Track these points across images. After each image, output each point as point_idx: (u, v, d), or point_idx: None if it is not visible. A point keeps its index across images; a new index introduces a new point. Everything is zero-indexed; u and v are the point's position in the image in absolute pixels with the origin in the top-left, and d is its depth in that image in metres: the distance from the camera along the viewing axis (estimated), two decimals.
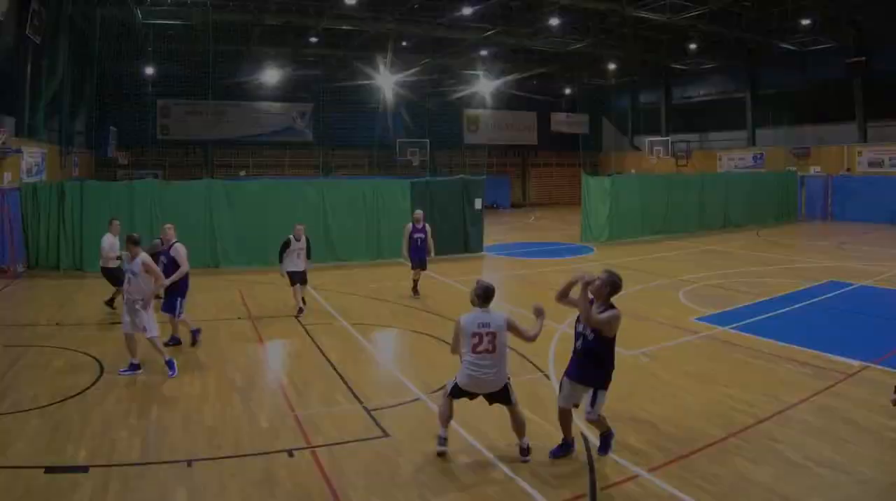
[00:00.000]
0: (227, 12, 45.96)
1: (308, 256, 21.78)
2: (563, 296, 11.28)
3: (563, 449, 11.29)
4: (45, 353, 16.74)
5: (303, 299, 21.76)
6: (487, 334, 10.87)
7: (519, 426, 11.23)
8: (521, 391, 13.71)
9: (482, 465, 11.03)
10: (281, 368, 16.52)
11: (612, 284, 10.85)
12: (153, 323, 15.55)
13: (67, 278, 27.72)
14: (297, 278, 21.40)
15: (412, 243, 24.42)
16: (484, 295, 11.09)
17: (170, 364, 15.42)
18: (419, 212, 25.19)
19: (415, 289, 24.73)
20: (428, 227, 24.72)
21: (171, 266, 17.52)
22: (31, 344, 17.70)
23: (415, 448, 11.61)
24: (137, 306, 15.31)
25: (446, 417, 11.32)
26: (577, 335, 11.09)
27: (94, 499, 9.84)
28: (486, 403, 11.29)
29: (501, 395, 11.15)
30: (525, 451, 11.13)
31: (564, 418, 11.27)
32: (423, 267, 24.82)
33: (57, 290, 25.55)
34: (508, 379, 11.21)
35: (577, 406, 11.17)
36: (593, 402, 10.81)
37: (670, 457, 11.11)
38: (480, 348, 10.87)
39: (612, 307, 10.83)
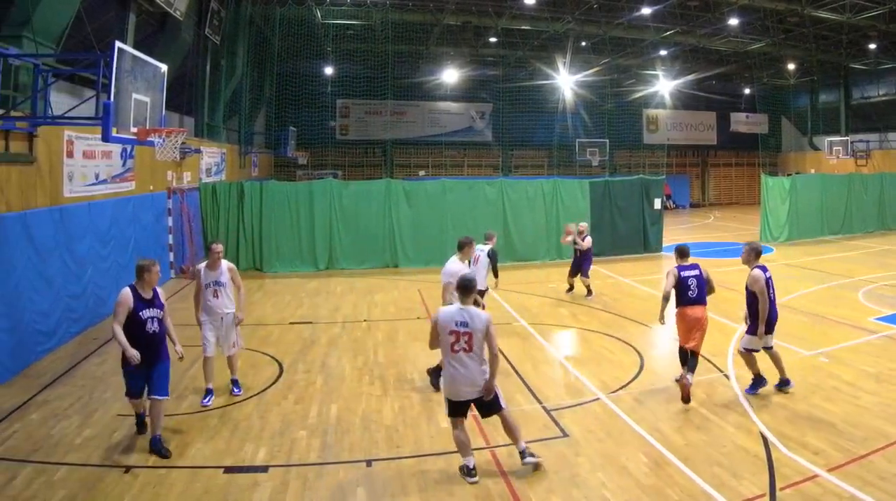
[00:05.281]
0: (406, 12, 46.56)
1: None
2: None
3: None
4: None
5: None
6: (465, 334, 10.41)
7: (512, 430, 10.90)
8: (700, 390, 14.08)
9: (660, 464, 10.96)
10: None
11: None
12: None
13: (246, 278, 27.90)
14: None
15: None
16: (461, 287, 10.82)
17: (236, 382, 14.70)
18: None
19: None
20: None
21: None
22: None
23: (593, 448, 11.61)
24: (234, 321, 14.42)
25: (465, 444, 10.85)
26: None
27: (274, 499, 9.94)
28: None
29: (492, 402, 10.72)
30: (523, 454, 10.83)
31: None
32: None
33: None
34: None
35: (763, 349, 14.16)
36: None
37: (850, 457, 10.87)
38: (458, 347, 10.46)
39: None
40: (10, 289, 15.35)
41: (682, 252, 15.24)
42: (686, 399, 13.28)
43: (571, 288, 24.87)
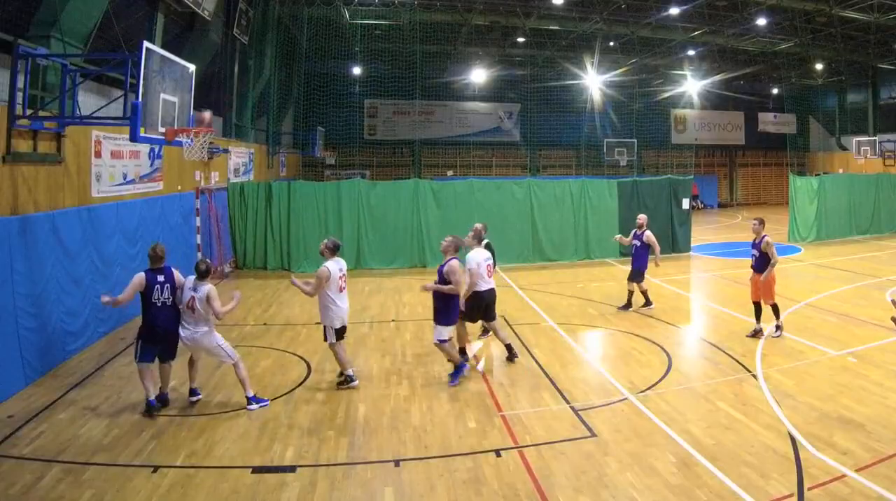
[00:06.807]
0: (434, 12, 46.55)
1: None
2: None
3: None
4: (252, 353, 16.99)
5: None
6: (344, 276, 14.85)
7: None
8: (728, 390, 14.20)
9: (689, 464, 10.93)
10: (488, 368, 16.34)
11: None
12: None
13: (275, 278, 28.18)
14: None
15: None
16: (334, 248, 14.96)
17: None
18: None
19: None
20: None
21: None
22: (239, 343, 17.86)
23: (621, 448, 11.60)
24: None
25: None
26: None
27: (302, 499, 9.97)
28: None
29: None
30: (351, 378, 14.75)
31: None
32: None
33: (264, 290, 26.00)
34: None
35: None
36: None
37: (878, 457, 10.85)
38: (343, 286, 14.72)
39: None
40: (38, 289, 15.41)
41: (764, 222, 18.46)
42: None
43: (629, 304, 22.25)
